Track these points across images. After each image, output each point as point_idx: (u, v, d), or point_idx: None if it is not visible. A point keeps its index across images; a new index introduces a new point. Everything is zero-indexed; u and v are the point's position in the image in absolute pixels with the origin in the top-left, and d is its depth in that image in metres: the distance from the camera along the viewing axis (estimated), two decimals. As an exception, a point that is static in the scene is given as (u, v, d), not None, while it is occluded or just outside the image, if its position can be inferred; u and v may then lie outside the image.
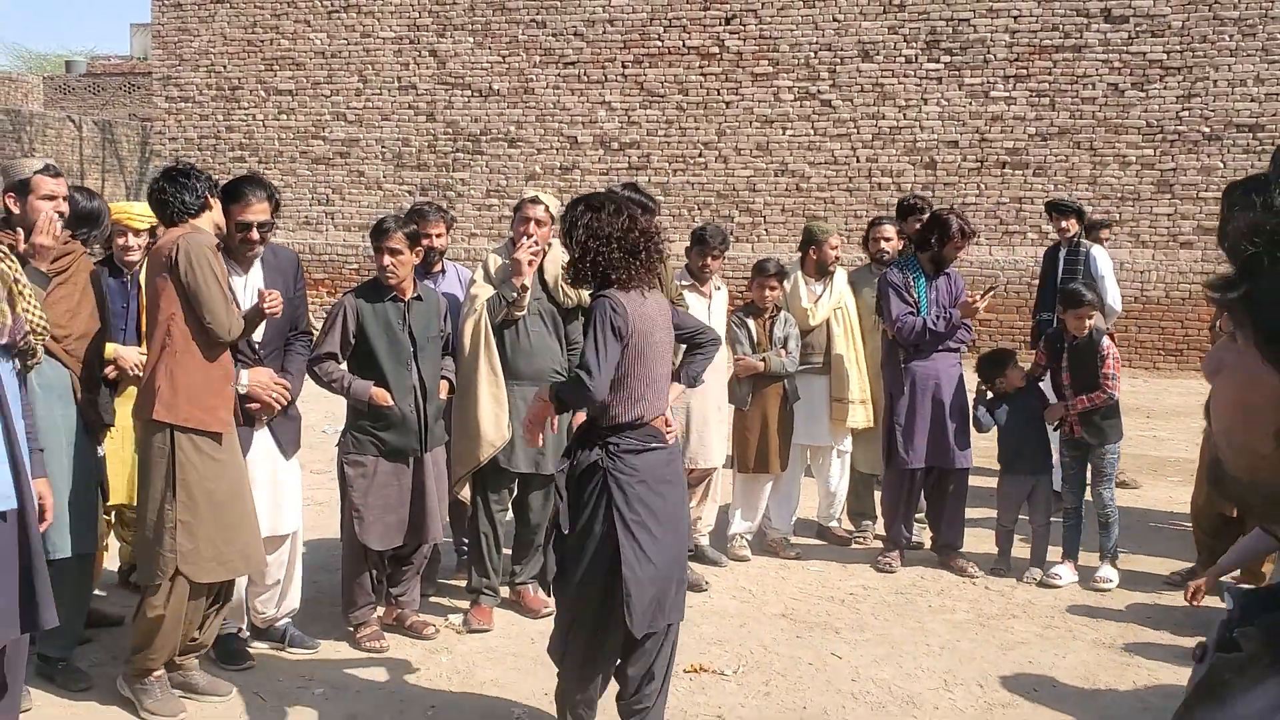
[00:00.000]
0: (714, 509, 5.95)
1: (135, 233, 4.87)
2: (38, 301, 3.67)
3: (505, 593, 5.15)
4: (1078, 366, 5.64)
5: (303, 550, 4.77)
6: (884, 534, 6.09)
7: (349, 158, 15.28)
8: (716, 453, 5.77)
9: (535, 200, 4.96)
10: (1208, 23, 12.53)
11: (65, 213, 4.25)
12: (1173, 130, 12.73)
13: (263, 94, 15.54)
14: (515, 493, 5.07)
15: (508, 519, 5.16)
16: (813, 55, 13.62)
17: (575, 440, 3.71)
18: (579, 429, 3.77)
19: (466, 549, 5.30)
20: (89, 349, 4.22)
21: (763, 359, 5.77)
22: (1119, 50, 12.77)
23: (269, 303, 4.10)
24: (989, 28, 13.09)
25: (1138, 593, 5.52)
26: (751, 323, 5.90)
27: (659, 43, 14.08)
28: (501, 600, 5.10)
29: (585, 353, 3.50)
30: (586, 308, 4.07)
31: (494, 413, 4.81)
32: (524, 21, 14.46)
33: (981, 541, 6.06)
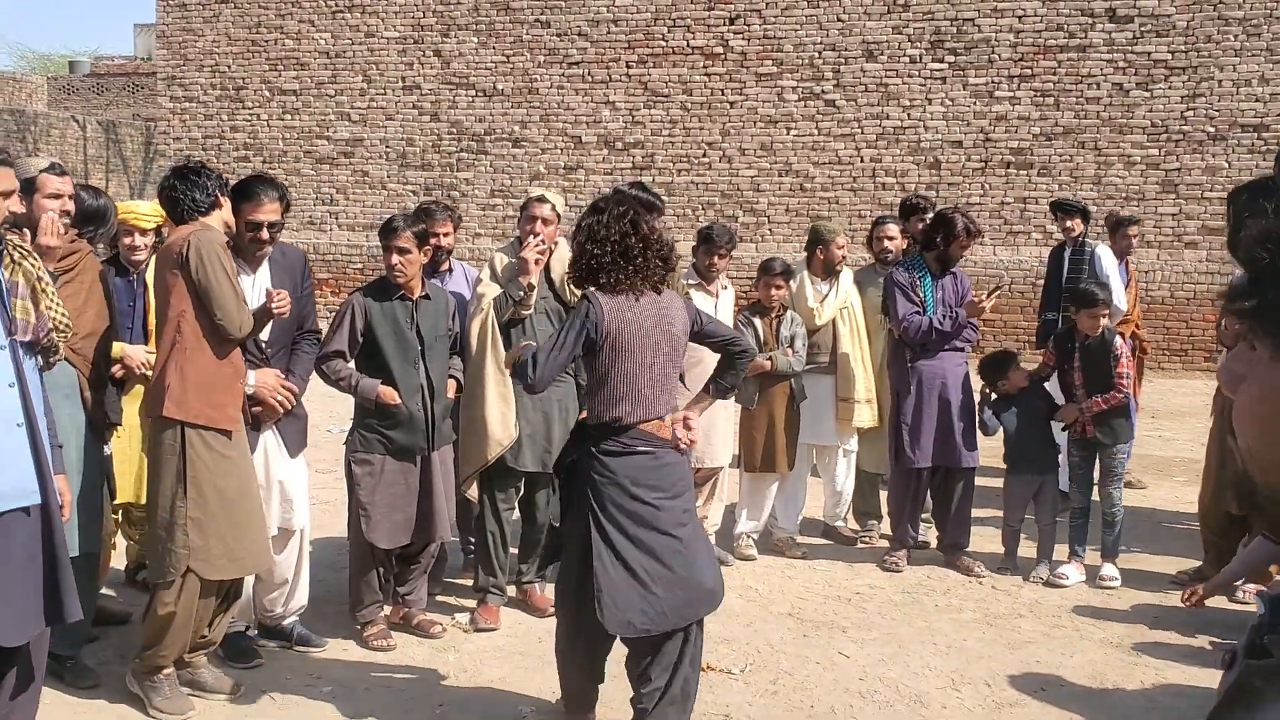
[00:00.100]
0: (720, 508, 5.94)
1: (141, 232, 4.88)
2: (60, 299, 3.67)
3: (512, 592, 5.16)
4: (1090, 366, 5.64)
5: (310, 549, 4.77)
6: (890, 533, 6.09)
7: (353, 158, 15.28)
8: (723, 452, 5.77)
9: (542, 199, 4.96)
10: (1213, 23, 12.52)
11: (71, 211, 4.26)
12: (1177, 130, 12.72)
13: (267, 94, 15.55)
14: (522, 492, 5.07)
15: (514, 518, 5.16)
16: (817, 55, 13.61)
17: (571, 436, 3.82)
18: (575, 425, 3.81)
19: (473, 548, 5.30)
20: (96, 348, 4.22)
21: (769, 358, 5.77)
22: (1124, 50, 12.76)
23: (277, 302, 4.08)
24: (993, 27, 13.09)
25: (1144, 592, 5.52)
26: (758, 322, 5.90)
27: (663, 43, 14.08)
28: (508, 599, 5.11)
29: (544, 343, 3.67)
30: None
31: (501, 411, 4.81)
32: (528, 21, 14.47)
33: (988, 541, 6.06)
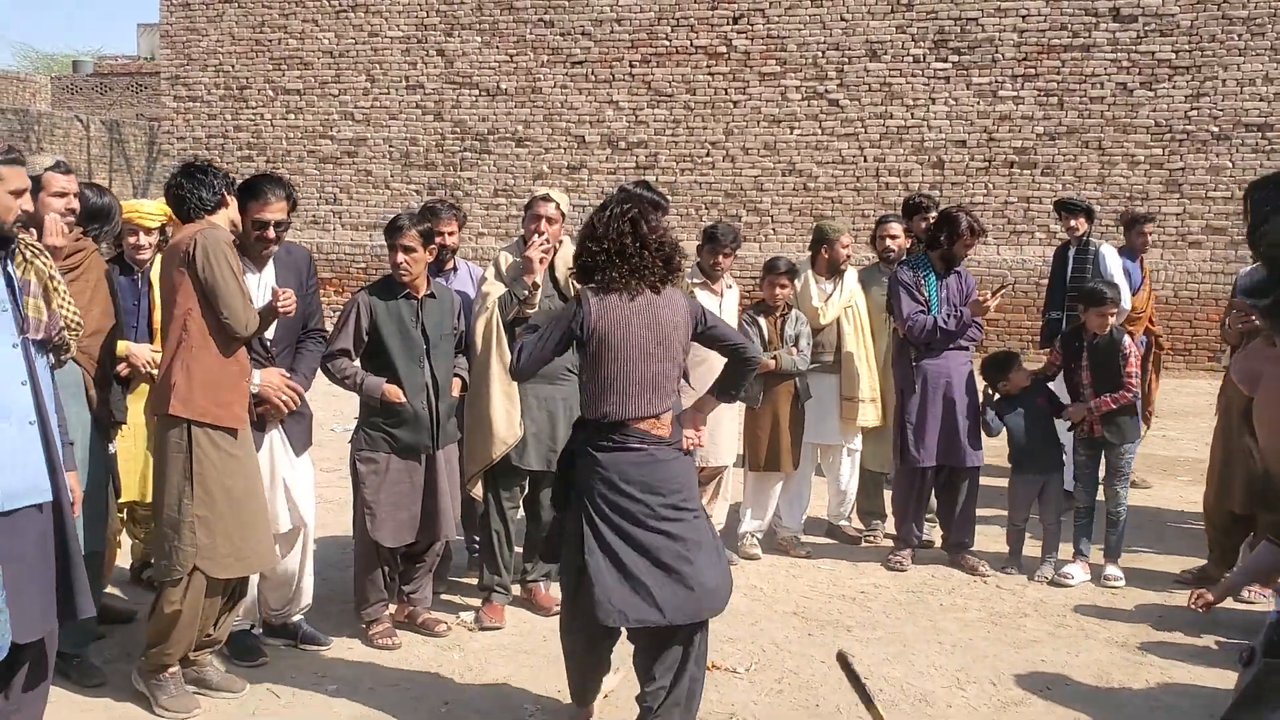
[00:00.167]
0: (724, 507, 5.95)
1: (146, 231, 4.88)
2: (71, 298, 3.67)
3: (517, 590, 5.16)
4: (1098, 366, 5.63)
5: (314, 547, 4.77)
6: (895, 532, 6.10)
7: (356, 157, 15.29)
8: (727, 451, 5.77)
9: (546, 198, 4.96)
10: (1216, 22, 12.52)
11: (76, 209, 4.26)
12: (1181, 130, 12.72)
13: (270, 93, 15.56)
14: (527, 490, 5.07)
15: (519, 517, 5.16)
16: (820, 55, 13.61)
17: (572, 430, 3.91)
18: (575, 420, 3.90)
19: (478, 546, 5.30)
20: (101, 346, 4.23)
21: (774, 357, 5.76)
22: (1127, 49, 12.76)
23: (282, 301, 4.08)
24: (997, 27, 13.08)
25: (1149, 591, 5.51)
26: (762, 321, 5.89)
27: (666, 42, 14.08)
28: (513, 598, 5.11)
29: (532, 336, 3.73)
30: None
31: (506, 410, 4.81)
32: (531, 21, 14.47)
33: (992, 540, 6.06)
